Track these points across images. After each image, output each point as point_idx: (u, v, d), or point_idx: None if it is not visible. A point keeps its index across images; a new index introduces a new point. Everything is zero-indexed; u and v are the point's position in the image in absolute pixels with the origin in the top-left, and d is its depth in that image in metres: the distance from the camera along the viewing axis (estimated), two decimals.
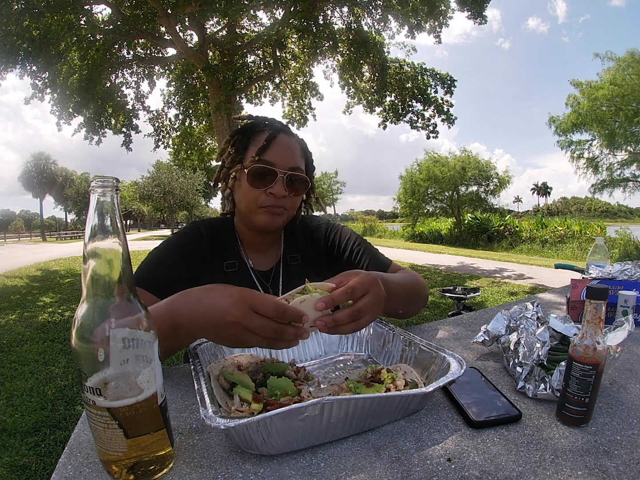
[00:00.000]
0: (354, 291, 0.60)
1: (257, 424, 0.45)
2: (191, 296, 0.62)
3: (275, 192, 0.90)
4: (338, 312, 0.60)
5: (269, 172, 0.90)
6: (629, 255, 10.11)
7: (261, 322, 0.53)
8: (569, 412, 0.54)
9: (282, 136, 0.94)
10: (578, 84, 12.33)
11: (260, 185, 0.90)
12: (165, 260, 0.92)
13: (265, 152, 0.90)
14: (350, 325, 0.60)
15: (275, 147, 0.91)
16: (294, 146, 0.95)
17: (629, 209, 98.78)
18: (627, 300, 0.96)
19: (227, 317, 0.54)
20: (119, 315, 0.42)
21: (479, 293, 3.51)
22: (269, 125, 0.97)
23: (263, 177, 0.90)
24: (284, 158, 0.91)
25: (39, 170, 40.17)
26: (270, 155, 0.90)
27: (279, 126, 0.97)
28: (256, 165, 0.89)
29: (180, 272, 0.90)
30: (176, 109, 9.84)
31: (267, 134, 0.93)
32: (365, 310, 0.61)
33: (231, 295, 0.56)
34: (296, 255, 1.06)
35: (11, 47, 6.36)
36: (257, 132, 0.95)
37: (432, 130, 9.45)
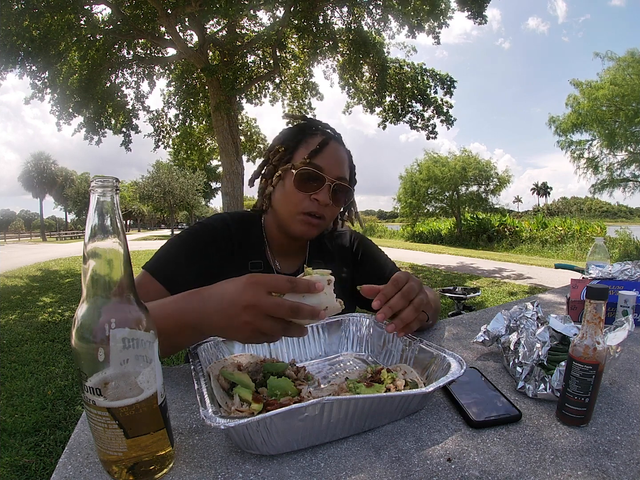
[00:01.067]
0: (398, 281, 0.69)
1: (257, 423, 0.45)
2: (202, 293, 0.62)
3: (320, 198, 0.87)
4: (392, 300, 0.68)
5: (318, 177, 0.88)
6: (629, 255, 10.12)
7: (276, 300, 0.53)
8: (569, 412, 0.54)
9: (334, 143, 0.92)
10: (578, 84, 12.33)
11: (307, 189, 0.88)
12: (187, 253, 0.89)
13: (316, 156, 0.88)
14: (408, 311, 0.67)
15: (327, 153, 0.89)
16: (343, 156, 0.94)
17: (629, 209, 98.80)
18: (627, 300, 0.96)
19: (241, 301, 0.54)
20: (119, 315, 0.42)
21: (479, 293, 3.51)
22: (321, 129, 0.95)
23: (310, 182, 0.88)
24: (334, 166, 0.89)
25: (39, 170, 40.17)
26: (320, 160, 0.88)
27: (332, 133, 0.96)
28: (306, 168, 0.87)
29: (198, 265, 0.88)
30: (176, 109, 9.84)
31: (320, 138, 0.91)
32: (412, 290, 0.70)
33: (242, 280, 0.56)
34: (320, 260, 1.04)
35: (11, 47, 6.36)
36: (310, 134, 0.93)
37: (432, 130, 9.46)
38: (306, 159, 0.87)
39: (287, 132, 0.96)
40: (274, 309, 0.53)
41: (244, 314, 0.54)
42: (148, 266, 0.86)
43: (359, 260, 1.09)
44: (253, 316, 0.53)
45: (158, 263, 0.86)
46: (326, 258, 1.05)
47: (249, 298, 0.53)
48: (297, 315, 0.53)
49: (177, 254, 0.89)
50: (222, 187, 7.71)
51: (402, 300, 0.68)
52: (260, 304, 0.53)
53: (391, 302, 0.68)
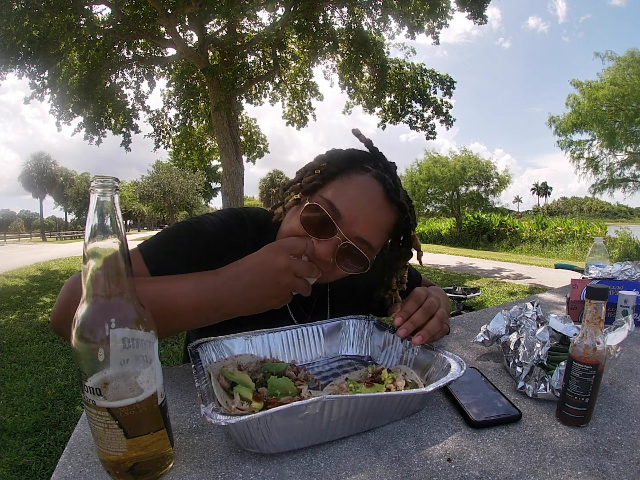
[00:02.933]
0: (419, 297, 0.74)
1: (257, 421, 0.45)
2: (225, 273, 0.63)
3: (317, 249, 0.69)
4: (414, 316, 0.72)
5: (330, 225, 0.69)
6: (629, 255, 10.12)
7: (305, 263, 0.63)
8: (569, 412, 0.54)
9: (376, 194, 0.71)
10: (578, 84, 12.34)
11: (311, 231, 0.70)
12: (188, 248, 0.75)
13: (344, 199, 0.69)
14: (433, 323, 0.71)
15: (360, 203, 0.70)
16: (380, 217, 0.73)
17: (629, 209, 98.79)
18: (627, 300, 0.96)
19: (278, 265, 0.60)
20: (119, 315, 0.42)
21: (479, 293, 3.51)
22: (375, 170, 0.74)
23: (319, 226, 0.70)
24: (360, 222, 0.69)
25: (39, 170, 40.18)
26: (346, 207, 0.69)
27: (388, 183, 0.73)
28: (320, 208, 0.69)
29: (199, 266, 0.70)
30: (176, 109, 9.85)
31: (361, 180, 0.72)
32: (433, 306, 0.73)
33: (265, 250, 0.63)
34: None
35: (11, 47, 6.36)
36: (355, 172, 0.73)
37: (431, 131, 9.47)
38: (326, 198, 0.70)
39: (335, 156, 0.77)
40: (304, 269, 0.61)
41: (284, 277, 0.60)
42: (144, 249, 0.74)
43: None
44: (289, 277, 0.60)
45: (154, 250, 0.74)
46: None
47: (284, 261, 0.60)
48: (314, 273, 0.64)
49: (178, 248, 0.75)
50: (222, 187, 7.72)
51: (424, 315, 0.72)
52: (293, 265, 0.60)
53: (413, 318, 0.72)
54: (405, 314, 0.72)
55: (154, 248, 0.74)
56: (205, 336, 0.72)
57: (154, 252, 0.73)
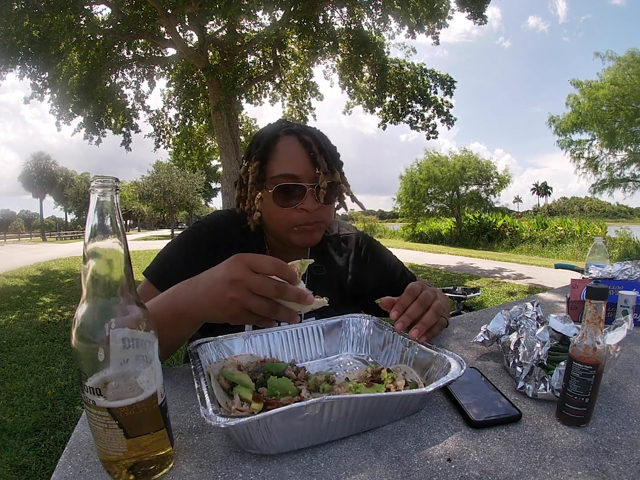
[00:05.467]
0: (414, 291, 0.73)
1: (257, 422, 0.45)
2: (192, 280, 0.63)
3: (307, 207, 0.82)
4: (409, 309, 0.71)
5: (295, 187, 0.82)
6: (629, 255, 10.12)
7: (261, 278, 0.53)
8: (569, 412, 0.54)
9: (301, 141, 0.84)
10: (578, 84, 12.34)
11: (289, 203, 0.82)
12: (186, 256, 0.87)
13: (285, 165, 0.82)
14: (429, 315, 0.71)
15: (294, 155, 0.83)
16: (310, 148, 0.85)
17: (629, 209, 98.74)
18: (627, 300, 0.96)
19: (227, 277, 0.54)
20: (119, 315, 0.42)
21: (479, 293, 3.51)
22: (281, 129, 0.87)
23: (290, 194, 0.82)
24: (306, 165, 0.82)
25: (39, 170, 40.20)
26: (290, 166, 0.82)
27: (293, 128, 0.88)
28: (281, 184, 0.81)
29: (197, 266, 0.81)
30: (176, 109, 9.86)
31: (281, 142, 0.85)
32: (428, 298, 0.73)
33: (228, 260, 0.57)
34: (321, 265, 0.99)
35: (11, 47, 6.37)
36: (273, 142, 0.85)
37: (432, 130, 9.47)
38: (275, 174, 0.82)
39: (251, 147, 0.90)
40: (259, 285, 0.53)
41: (230, 290, 0.54)
42: (149, 274, 0.85)
43: (367, 264, 1.05)
44: (239, 292, 0.54)
45: (159, 270, 0.86)
46: (328, 262, 1.01)
47: (235, 273, 0.54)
48: (282, 294, 0.53)
49: (177, 258, 0.88)
50: (222, 187, 7.72)
51: (420, 307, 0.72)
52: (246, 279, 0.53)
53: (409, 311, 0.71)
54: (400, 307, 0.72)
55: (158, 270, 0.85)
56: (205, 336, 0.72)
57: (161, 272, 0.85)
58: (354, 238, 1.08)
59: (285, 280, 0.54)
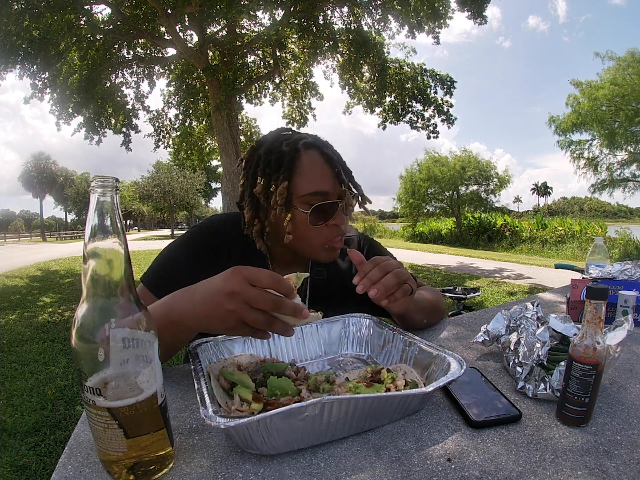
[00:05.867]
0: (376, 260, 0.74)
1: (257, 423, 0.45)
2: (188, 288, 0.62)
3: (338, 223, 0.84)
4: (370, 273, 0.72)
5: (330, 205, 0.83)
6: (629, 255, 10.12)
7: (259, 291, 0.53)
8: (569, 412, 0.54)
9: (323, 156, 0.84)
10: (578, 84, 12.34)
11: (323, 220, 0.83)
12: (183, 262, 0.87)
13: (315, 182, 0.82)
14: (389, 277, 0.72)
15: (321, 171, 0.83)
16: (334, 161, 0.85)
17: (629, 209, 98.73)
18: (627, 300, 0.96)
19: (225, 288, 0.54)
20: (119, 315, 0.42)
21: (479, 293, 3.51)
22: (300, 142, 0.85)
23: (324, 212, 0.83)
24: (334, 180, 0.84)
25: (39, 170, 40.19)
26: (322, 184, 0.82)
27: (311, 141, 0.86)
28: (317, 203, 0.81)
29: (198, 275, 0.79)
30: (176, 109, 9.86)
31: (305, 157, 0.83)
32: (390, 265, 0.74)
33: (226, 271, 0.57)
34: (322, 269, 0.99)
35: (11, 47, 6.37)
36: (296, 157, 0.83)
37: (432, 130, 9.47)
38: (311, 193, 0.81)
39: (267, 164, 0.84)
40: (256, 298, 0.53)
41: (227, 302, 0.54)
42: (146, 280, 0.85)
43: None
44: (236, 304, 0.54)
45: (155, 276, 0.86)
46: (329, 267, 1.01)
47: (232, 286, 0.54)
48: (279, 308, 0.53)
49: (173, 264, 0.87)
50: (222, 187, 7.72)
51: (380, 271, 0.73)
52: (243, 292, 0.53)
53: (369, 274, 0.72)
54: (362, 273, 0.74)
55: (154, 276, 0.86)
56: (205, 336, 0.72)
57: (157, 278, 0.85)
58: (355, 240, 1.08)
59: (282, 294, 0.54)
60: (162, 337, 0.60)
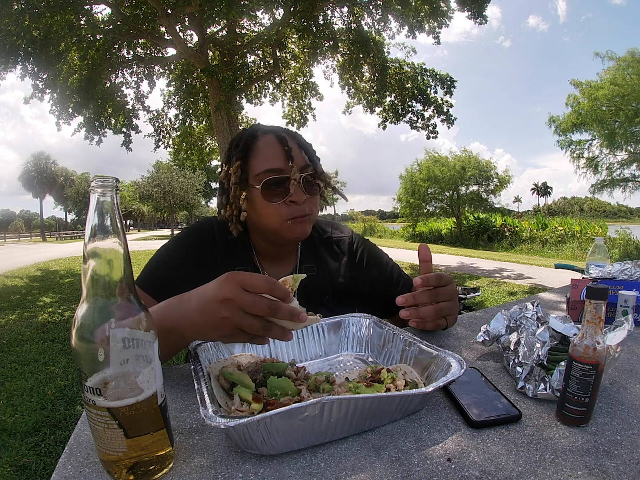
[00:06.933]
0: (429, 280, 0.72)
1: (257, 423, 0.45)
2: (183, 296, 0.62)
3: (296, 199, 0.84)
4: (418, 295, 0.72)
5: (282, 180, 0.84)
6: (629, 255, 10.12)
7: (253, 297, 0.52)
8: (569, 412, 0.54)
9: (278, 138, 0.87)
10: (578, 84, 12.34)
11: (278, 197, 0.84)
12: (173, 261, 0.89)
13: (268, 160, 0.85)
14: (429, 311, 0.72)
15: (275, 151, 0.85)
16: (294, 145, 0.89)
17: (629, 209, 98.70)
18: (627, 300, 0.96)
19: (219, 295, 0.53)
20: (119, 315, 0.42)
21: (479, 293, 3.50)
22: (260, 130, 0.91)
23: (277, 188, 0.84)
24: (292, 160, 0.85)
25: (39, 170, 40.21)
26: (275, 162, 0.84)
27: (270, 128, 0.92)
28: (267, 178, 0.83)
29: (189, 272, 0.88)
30: (176, 109, 9.84)
31: (261, 140, 0.88)
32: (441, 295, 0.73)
33: (219, 278, 0.56)
34: (312, 265, 1.00)
35: (11, 47, 6.36)
36: (252, 141, 0.88)
37: (432, 130, 9.46)
38: (262, 170, 0.84)
39: (231, 150, 0.91)
40: (251, 304, 0.52)
41: (222, 309, 0.53)
42: (141, 281, 0.86)
43: (364, 266, 1.05)
44: (231, 311, 0.53)
45: (148, 276, 0.87)
46: (318, 263, 1.01)
47: (226, 292, 0.53)
48: (275, 313, 0.52)
49: (164, 264, 0.89)
50: None
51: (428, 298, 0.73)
52: (238, 298, 0.52)
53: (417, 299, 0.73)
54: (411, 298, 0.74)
55: (147, 276, 0.87)
56: None
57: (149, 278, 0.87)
58: (347, 241, 1.08)
59: (278, 299, 0.53)
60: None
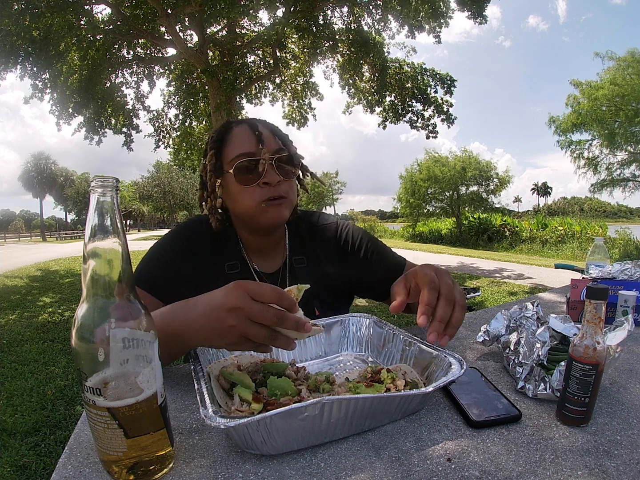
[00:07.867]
0: (432, 281, 0.67)
1: (257, 423, 0.45)
2: (188, 302, 0.62)
3: (269, 180, 0.85)
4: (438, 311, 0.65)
5: (254, 162, 0.85)
6: (629, 255, 10.12)
7: (261, 306, 0.52)
8: (569, 412, 0.54)
9: (245, 125, 0.90)
10: (578, 84, 12.34)
11: (251, 180, 0.85)
12: (165, 257, 0.91)
13: (240, 146, 0.87)
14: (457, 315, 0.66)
15: (247, 135, 0.88)
16: (264, 130, 0.90)
17: (629, 209, 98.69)
18: (627, 300, 0.96)
19: (227, 304, 0.53)
20: (119, 315, 0.42)
21: (479, 293, 3.50)
22: (234, 122, 0.95)
23: (250, 171, 0.85)
24: (260, 142, 0.87)
25: (39, 170, 40.21)
26: (246, 145, 0.86)
27: (245, 119, 0.95)
28: (239, 162, 0.85)
29: (181, 268, 0.90)
30: (176, 109, 9.84)
31: (234, 130, 0.91)
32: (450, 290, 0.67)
33: (229, 286, 0.56)
34: (302, 257, 1.01)
35: (11, 47, 6.35)
36: (225, 132, 0.92)
37: (432, 130, 9.45)
38: (234, 156, 0.86)
39: (208, 144, 0.95)
40: (259, 313, 0.52)
41: (229, 318, 0.53)
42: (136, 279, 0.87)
43: (350, 251, 1.05)
44: (238, 319, 0.53)
45: (143, 273, 0.89)
46: (308, 255, 1.02)
47: (234, 301, 0.53)
48: (282, 323, 0.52)
49: (159, 261, 0.91)
50: None
51: (448, 306, 0.65)
52: (246, 307, 0.52)
53: (439, 314, 0.64)
54: (428, 308, 0.65)
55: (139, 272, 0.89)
56: None
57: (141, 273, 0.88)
58: (333, 228, 1.08)
59: (285, 308, 0.53)
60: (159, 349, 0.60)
